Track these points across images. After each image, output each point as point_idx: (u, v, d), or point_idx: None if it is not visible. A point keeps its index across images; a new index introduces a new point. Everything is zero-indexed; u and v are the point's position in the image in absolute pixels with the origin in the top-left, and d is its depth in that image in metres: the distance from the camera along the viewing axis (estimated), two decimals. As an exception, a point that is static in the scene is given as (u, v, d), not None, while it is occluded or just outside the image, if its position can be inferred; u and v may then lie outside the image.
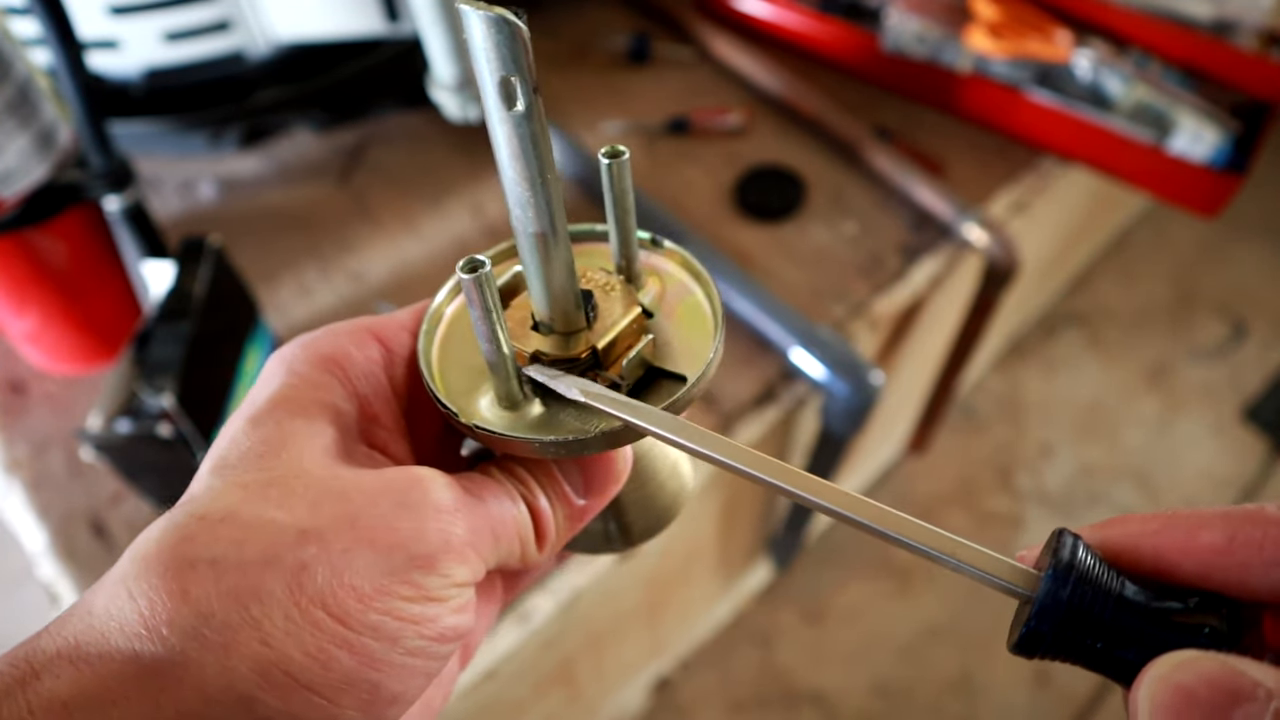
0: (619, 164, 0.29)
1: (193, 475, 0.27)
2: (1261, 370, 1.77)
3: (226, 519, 0.24)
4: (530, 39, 0.23)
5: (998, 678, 1.43)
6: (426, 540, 0.25)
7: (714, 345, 0.30)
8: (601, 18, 1.06)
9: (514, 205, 0.27)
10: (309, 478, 0.25)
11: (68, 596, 0.66)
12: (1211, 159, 0.84)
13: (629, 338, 0.30)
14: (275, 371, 0.29)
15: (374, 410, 0.29)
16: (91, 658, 0.22)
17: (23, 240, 0.64)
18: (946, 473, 1.64)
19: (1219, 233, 1.96)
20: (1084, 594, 0.23)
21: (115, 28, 0.74)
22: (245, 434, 0.27)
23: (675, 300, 0.32)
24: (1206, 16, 0.90)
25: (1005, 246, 0.85)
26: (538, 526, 0.30)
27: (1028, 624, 0.23)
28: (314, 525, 0.24)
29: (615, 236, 0.31)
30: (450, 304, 0.33)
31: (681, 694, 1.42)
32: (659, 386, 0.30)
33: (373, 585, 0.24)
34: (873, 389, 0.75)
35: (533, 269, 0.28)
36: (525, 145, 0.25)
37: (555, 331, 0.30)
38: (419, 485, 0.26)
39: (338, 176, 0.92)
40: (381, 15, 0.78)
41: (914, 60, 0.92)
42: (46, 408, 0.74)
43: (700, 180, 0.90)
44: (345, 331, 0.30)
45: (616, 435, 0.28)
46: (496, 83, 0.23)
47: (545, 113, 0.25)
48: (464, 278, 0.26)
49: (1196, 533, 0.23)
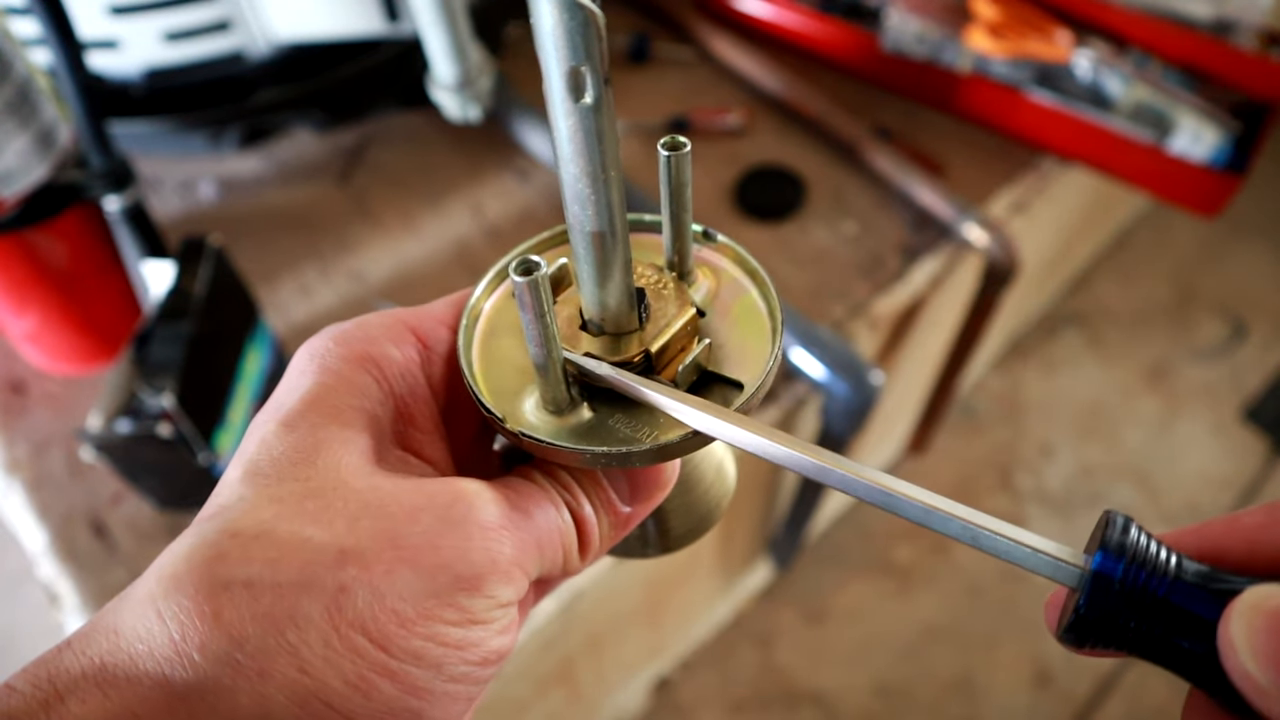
0: (679, 157, 0.27)
1: (192, 475, 0.26)
2: (1261, 370, 1.77)
3: (261, 536, 0.23)
4: (605, 26, 0.21)
5: (998, 678, 1.43)
6: (471, 560, 0.24)
7: (773, 351, 0.29)
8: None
9: (571, 201, 0.25)
10: (347, 490, 0.24)
11: (68, 596, 0.66)
12: (1211, 159, 0.84)
13: (683, 340, 0.29)
14: (306, 368, 0.27)
15: (410, 411, 0.28)
16: (119, 682, 0.21)
17: (23, 240, 0.64)
18: (946, 473, 1.64)
19: (1219, 233, 1.96)
20: (1138, 575, 0.21)
21: (115, 28, 0.74)
22: (278, 438, 0.25)
23: (730, 299, 0.31)
24: (1206, 16, 0.90)
25: (1005, 246, 0.85)
26: (582, 535, 0.28)
27: (1078, 608, 0.21)
28: (354, 544, 0.23)
29: (669, 231, 0.29)
30: (489, 298, 0.31)
31: (681, 694, 1.42)
32: (713, 392, 0.29)
33: (416, 609, 0.23)
34: (873, 389, 0.75)
35: (587, 269, 0.26)
36: (590, 140, 0.23)
37: (605, 332, 0.28)
38: (463, 500, 0.25)
39: (338, 176, 0.92)
40: (381, 15, 0.78)
41: (914, 60, 0.92)
42: (46, 408, 0.74)
43: (700, 180, 0.90)
44: (381, 326, 0.28)
45: (672, 447, 0.27)
46: (565, 73, 0.22)
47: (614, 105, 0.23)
48: (517, 281, 0.24)
49: (1239, 517, 0.23)
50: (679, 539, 0.35)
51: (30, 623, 1.50)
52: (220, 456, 0.62)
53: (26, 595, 1.52)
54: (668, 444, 0.27)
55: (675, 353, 0.28)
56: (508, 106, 0.87)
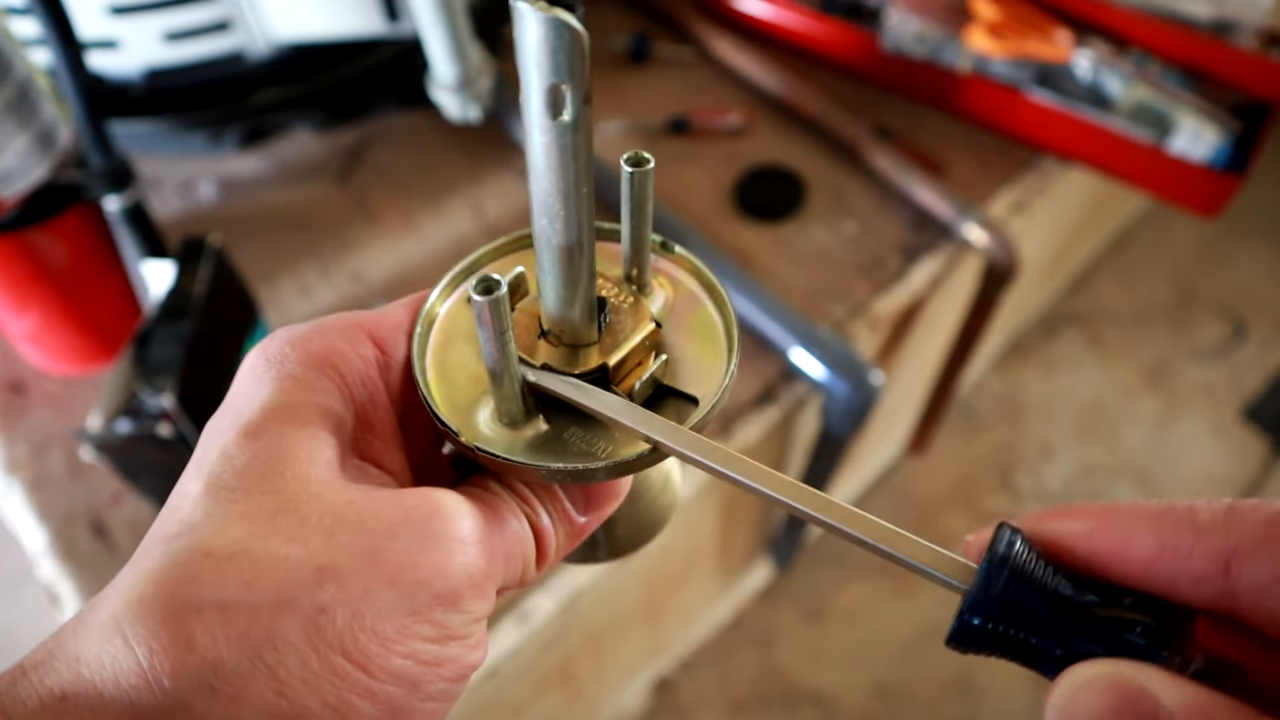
0: (642, 173, 0.27)
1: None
2: (1261, 370, 1.77)
3: (235, 556, 0.22)
4: (590, 45, 0.21)
5: (998, 678, 1.43)
6: (450, 576, 0.23)
7: (728, 369, 0.28)
8: (601, 18, 1.06)
9: (540, 215, 0.25)
10: (320, 503, 0.23)
11: (68, 597, 0.66)
12: (1211, 159, 0.84)
13: (640, 354, 0.29)
14: (264, 374, 0.26)
15: (370, 418, 0.27)
16: (81, 712, 0.20)
17: (23, 240, 0.64)
18: (946, 473, 1.64)
19: (1219, 233, 1.96)
20: (1017, 588, 0.22)
21: (115, 28, 0.74)
22: (240, 448, 0.24)
23: (685, 311, 0.31)
24: (1206, 16, 0.90)
25: (1005, 246, 0.85)
26: (540, 546, 0.28)
27: (960, 616, 0.23)
28: (331, 561, 0.22)
29: (629, 244, 0.29)
30: (444, 302, 0.31)
31: (681, 694, 1.42)
32: (667, 406, 0.29)
33: (395, 627, 0.22)
34: (873, 389, 0.75)
35: (552, 281, 0.26)
36: (566, 157, 0.23)
37: (563, 343, 0.28)
38: (440, 515, 0.24)
39: (338, 176, 0.92)
40: (381, 15, 0.78)
41: (914, 60, 0.92)
42: (46, 408, 0.74)
43: (700, 180, 0.90)
44: (337, 329, 0.27)
45: (630, 463, 0.27)
46: (545, 89, 0.21)
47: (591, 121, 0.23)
48: (477, 299, 0.24)
49: (1128, 539, 0.22)
50: (626, 546, 0.35)
51: (30, 623, 1.50)
52: (220, 456, 0.62)
53: (26, 595, 1.53)
54: (625, 460, 0.27)
55: (632, 366, 0.28)
56: (508, 106, 0.87)
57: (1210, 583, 0.20)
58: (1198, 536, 0.21)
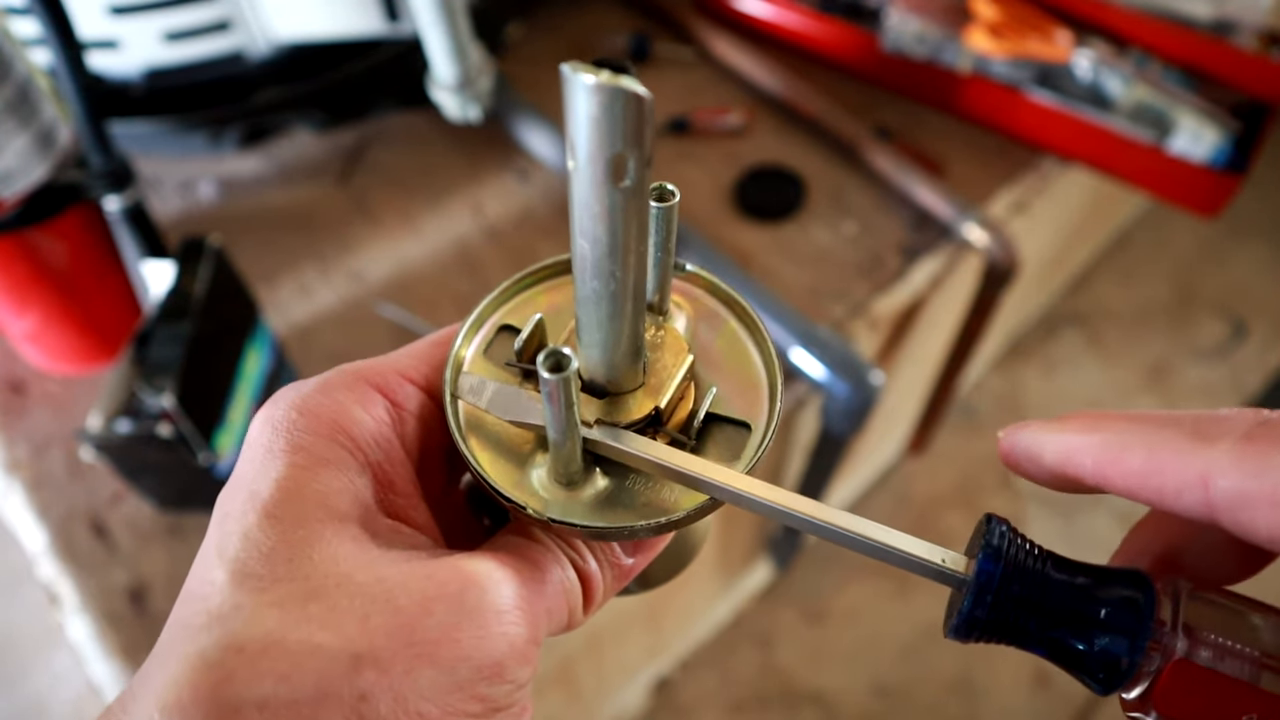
0: (668, 209, 0.26)
1: (192, 475, 0.25)
2: (1261, 370, 1.77)
3: (269, 649, 0.21)
4: (653, 109, 0.19)
5: (998, 678, 1.43)
6: (490, 648, 0.23)
7: (777, 393, 0.28)
8: (601, 18, 1.06)
9: (592, 277, 0.23)
10: (351, 585, 0.22)
11: (68, 597, 0.66)
12: (1211, 159, 0.84)
13: (683, 386, 0.28)
14: (273, 445, 0.25)
15: (390, 477, 0.26)
16: None
17: (23, 240, 0.64)
18: (946, 473, 1.64)
19: (1219, 233, 1.96)
20: (1012, 577, 0.24)
21: (115, 28, 0.74)
22: (263, 532, 0.23)
23: (710, 330, 0.30)
24: (1206, 16, 0.90)
25: (1005, 246, 0.85)
26: (587, 591, 0.27)
27: (964, 608, 0.24)
28: (368, 646, 0.21)
29: (653, 276, 0.29)
30: (468, 347, 0.29)
31: (681, 694, 1.42)
32: (720, 434, 0.28)
33: (440, 706, 0.22)
34: (873, 389, 0.75)
35: (597, 338, 0.25)
36: (628, 223, 0.22)
37: (609, 393, 0.27)
38: (475, 586, 0.23)
39: (338, 176, 0.92)
40: (381, 15, 0.78)
41: (914, 60, 0.92)
42: (46, 408, 0.74)
43: (700, 180, 0.90)
44: (345, 389, 0.26)
45: (705, 508, 0.26)
46: (607, 160, 0.20)
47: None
48: (547, 378, 0.22)
49: (1122, 454, 0.23)
50: (661, 577, 0.36)
51: (30, 623, 1.50)
52: (220, 456, 0.62)
53: (26, 595, 1.52)
54: (701, 506, 0.26)
55: (677, 400, 0.28)
56: (508, 106, 0.87)
57: (1191, 494, 0.21)
58: (1177, 452, 0.22)
